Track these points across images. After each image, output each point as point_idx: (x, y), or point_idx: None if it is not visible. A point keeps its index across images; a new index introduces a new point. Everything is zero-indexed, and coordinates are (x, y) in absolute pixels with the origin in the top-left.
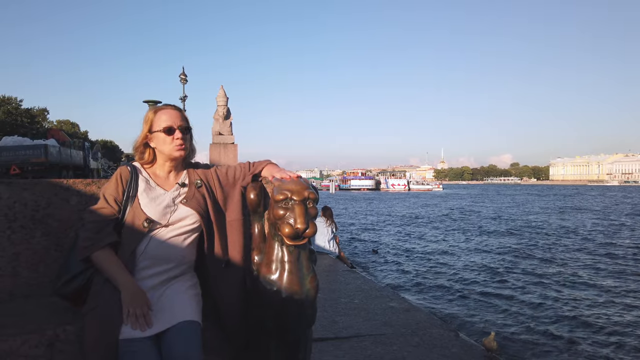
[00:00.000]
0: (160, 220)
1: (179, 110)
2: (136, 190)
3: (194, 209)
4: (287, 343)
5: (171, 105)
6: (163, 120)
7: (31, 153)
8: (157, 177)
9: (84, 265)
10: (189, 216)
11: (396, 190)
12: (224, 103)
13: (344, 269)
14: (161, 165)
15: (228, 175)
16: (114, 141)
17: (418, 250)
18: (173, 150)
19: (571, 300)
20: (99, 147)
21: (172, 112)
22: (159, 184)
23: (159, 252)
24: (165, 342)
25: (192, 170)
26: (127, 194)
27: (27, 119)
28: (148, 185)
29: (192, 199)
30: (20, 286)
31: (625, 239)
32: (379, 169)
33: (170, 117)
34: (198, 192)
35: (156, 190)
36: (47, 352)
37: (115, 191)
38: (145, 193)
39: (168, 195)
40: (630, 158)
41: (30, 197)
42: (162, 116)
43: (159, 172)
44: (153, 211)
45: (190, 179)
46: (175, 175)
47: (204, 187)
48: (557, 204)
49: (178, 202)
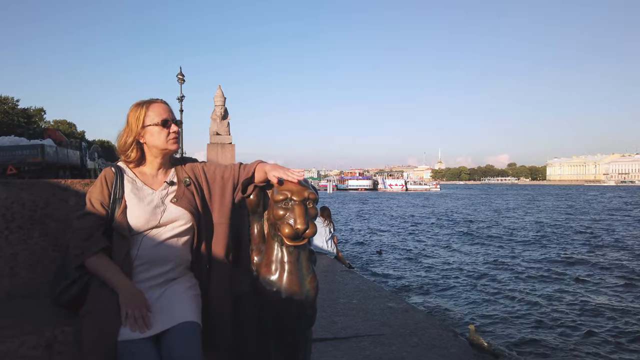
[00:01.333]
0: (151, 221)
1: (168, 104)
2: (122, 192)
3: (185, 209)
4: (287, 343)
5: (161, 100)
6: (157, 114)
7: (28, 153)
8: (144, 176)
9: (79, 272)
10: (181, 216)
11: (394, 191)
12: (221, 103)
13: (342, 269)
14: (150, 162)
15: (216, 173)
16: (111, 141)
17: (418, 250)
18: (169, 144)
19: (571, 300)
20: (97, 148)
21: (165, 106)
22: (147, 184)
23: (155, 254)
24: (165, 343)
25: (179, 167)
26: (114, 196)
27: (23, 119)
28: (135, 185)
29: (182, 198)
30: (18, 287)
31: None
32: (376, 169)
33: (165, 111)
34: (187, 191)
35: (144, 190)
36: (45, 353)
37: (100, 195)
38: (133, 194)
39: (156, 194)
40: (627, 158)
41: (28, 197)
42: (156, 109)
43: (146, 171)
44: (143, 212)
45: (179, 176)
46: (163, 173)
47: (192, 184)
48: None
49: (167, 201)
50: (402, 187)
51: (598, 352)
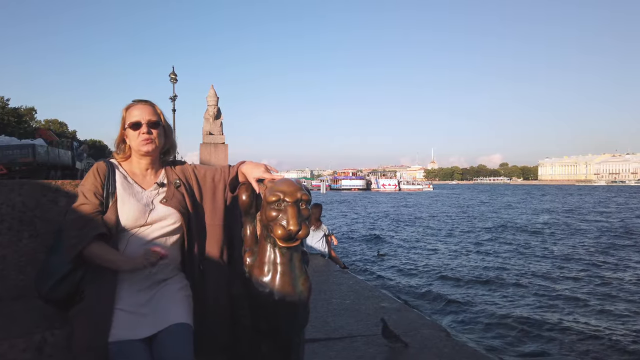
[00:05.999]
0: (140, 219)
1: (151, 105)
2: (114, 187)
3: (174, 208)
4: (280, 345)
5: (143, 101)
6: (133, 116)
7: (18, 153)
8: (134, 175)
9: (70, 268)
10: (170, 215)
11: (387, 190)
12: (214, 103)
13: (335, 269)
14: (137, 162)
15: (206, 176)
16: (102, 141)
17: (415, 250)
18: (139, 145)
19: (567, 301)
20: (86, 148)
21: (143, 107)
22: (137, 182)
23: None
24: (157, 345)
25: (170, 169)
26: (106, 189)
27: (14, 119)
28: (126, 181)
29: (172, 199)
30: (7, 289)
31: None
32: (369, 169)
33: (141, 113)
34: (177, 192)
35: (134, 187)
36: (35, 356)
37: (93, 186)
38: (124, 189)
39: (146, 194)
40: (617, 158)
41: (18, 198)
42: (133, 112)
43: (135, 170)
44: (133, 209)
45: (169, 178)
46: (153, 174)
47: (182, 186)
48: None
49: (157, 202)
50: (396, 187)
51: (598, 352)
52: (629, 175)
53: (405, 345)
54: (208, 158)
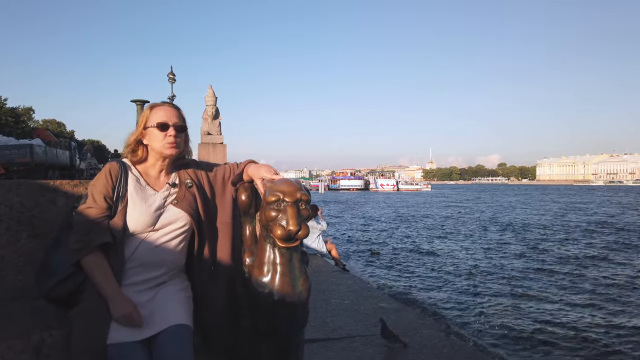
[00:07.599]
0: (151, 223)
1: (177, 109)
2: (126, 189)
3: (184, 210)
4: (279, 345)
5: (169, 103)
6: (159, 116)
7: (16, 153)
8: (147, 177)
9: (72, 268)
10: (179, 218)
11: (385, 191)
12: (212, 103)
13: (334, 270)
14: (152, 164)
15: (217, 175)
16: (100, 140)
17: (413, 250)
18: (164, 148)
19: (564, 299)
20: (90, 148)
21: (169, 110)
22: (150, 184)
23: (149, 258)
24: (156, 346)
25: (182, 170)
26: (117, 192)
27: (12, 118)
28: (138, 183)
29: (183, 200)
30: (6, 289)
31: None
32: (368, 169)
33: (167, 114)
34: (189, 193)
35: (147, 190)
36: (33, 357)
37: (104, 188)
38: (136, 192)
39: (159, 195)
40: (615, 158)
41: (16, 198)
42: (159, 112)
43: (149, 172)
44: (142, 214)
45: (181, 178)
46: (165, 175)
47: (194, 187)
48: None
49: (169, 202)
50: (394, 187)
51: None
52: (626, 175)
53: (405, 346)
54: (206, 158)
